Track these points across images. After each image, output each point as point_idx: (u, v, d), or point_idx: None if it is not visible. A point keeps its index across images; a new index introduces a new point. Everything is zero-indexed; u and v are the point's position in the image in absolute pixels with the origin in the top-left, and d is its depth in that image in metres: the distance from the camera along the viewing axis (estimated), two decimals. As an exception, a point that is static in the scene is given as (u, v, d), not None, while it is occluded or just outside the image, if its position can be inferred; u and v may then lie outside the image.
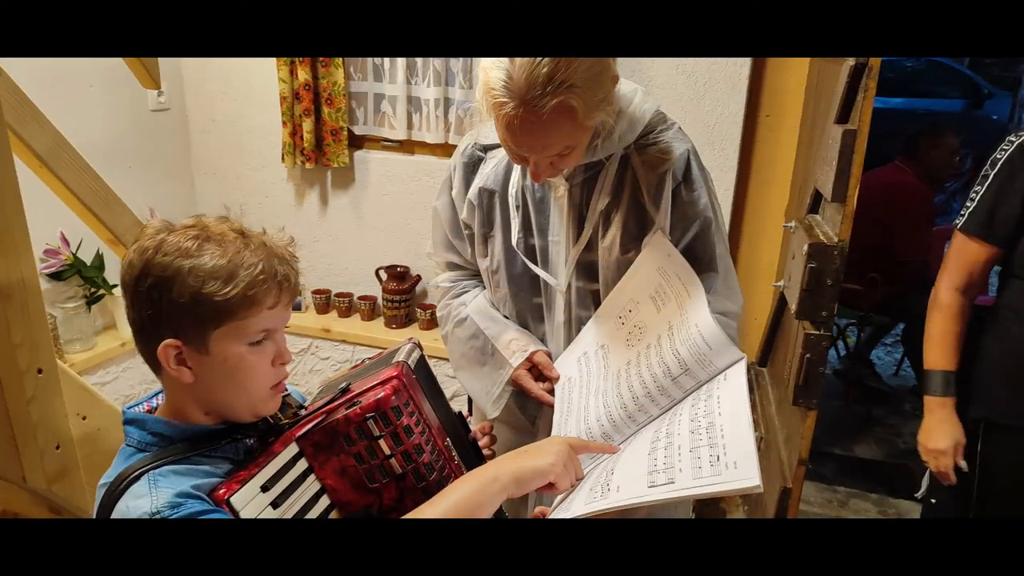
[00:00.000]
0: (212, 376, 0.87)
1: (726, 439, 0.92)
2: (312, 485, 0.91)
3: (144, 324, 0.86)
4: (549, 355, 1.38)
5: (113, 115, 2.67)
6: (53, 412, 1.38)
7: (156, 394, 0.98)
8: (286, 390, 0.98)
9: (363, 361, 1.13)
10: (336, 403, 0.92)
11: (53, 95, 2.42)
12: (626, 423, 1.16)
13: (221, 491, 0.82)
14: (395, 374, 0.94)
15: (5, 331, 1.27)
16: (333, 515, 0.93)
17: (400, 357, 1.02)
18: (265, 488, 0.85)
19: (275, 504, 0.86)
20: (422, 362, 1.07)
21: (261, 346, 0.88)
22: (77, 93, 2.54)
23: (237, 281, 0.83)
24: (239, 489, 0.83)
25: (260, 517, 0.84)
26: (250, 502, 0.83)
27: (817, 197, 1.94)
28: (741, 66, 2.35)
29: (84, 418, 1.47)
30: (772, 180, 2.54)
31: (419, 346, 1.11)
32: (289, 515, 0.88)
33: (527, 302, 1.40)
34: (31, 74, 2.12)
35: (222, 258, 0.84)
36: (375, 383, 0.93)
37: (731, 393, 1.02)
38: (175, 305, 0.83)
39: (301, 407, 1.00)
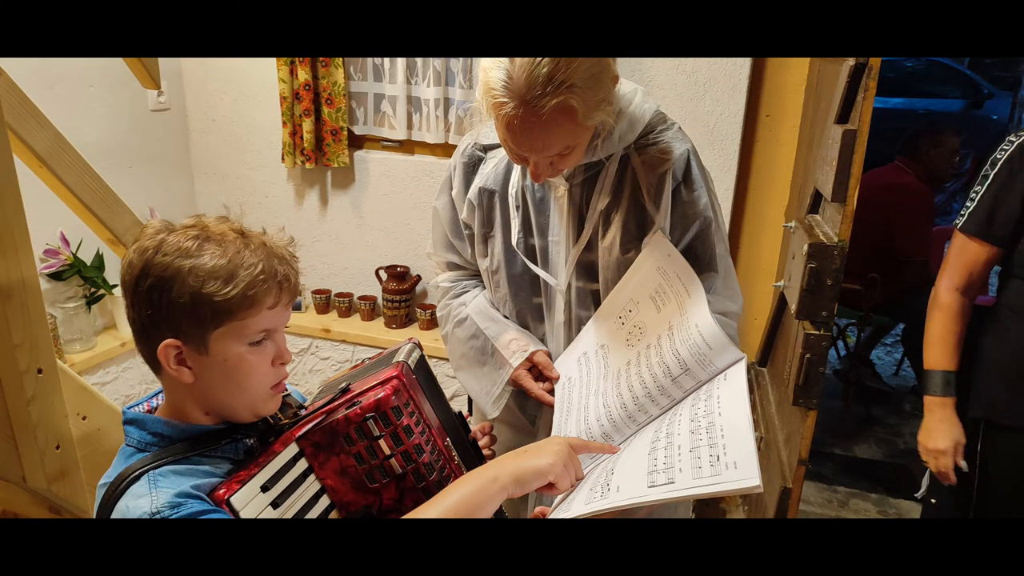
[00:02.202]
0: (212, 376, 0.87)
1: (726, 439, 0.92)
2: (312, 485, 0.91)
3: (144, 324, 0.86)
4: (549, 355, 1.38)
5: (113, 115, 2.67)
6: (53, 412, 1.38)
7: (156, 394, 0.98)
8: (286, 390, 0.98)
9: (363, 361, 1.13)
10: (336, 403, 0.92)
11: (53, 95, 2.43)
12: (626, 423, 1.16)
13: (221, 491, 0.82)
14: (395, 374, 0.94)
15: (5, 331, 1.27)
16: (333, 515, 0.93)
17: (400, 357, 1.01)
18: (265, 488, 0.85)
19: (275, 504, 0.86)
20: (422, 362, 1.07)
21: (261, 346, 0.88)
22: (77, 93, 2.54)
23: (237, 281, 0.83)
24: (239, 489, 0.83)
25: (260, 517, 0.84)
26: (250, 502, 0.83)
27: (817, 197, 1.94)
28: (741, 66, 2.35)
29: (84, 418, 1.47)
30: (772, 180, 2.54)
31: (419, 346, 1.11)
32: (289, 515, 0.87)
33: (527, 302, 1.40)
34: (31, 74, 2.12)
35: (222, 258, 0.83)
36: (375, 383, 0.93)
37: (731, 393, 1.02)
38: (175, 305, 0.83)
39: (301, 407, 0.99)
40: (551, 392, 1.34)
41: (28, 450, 1.36)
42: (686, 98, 2.42)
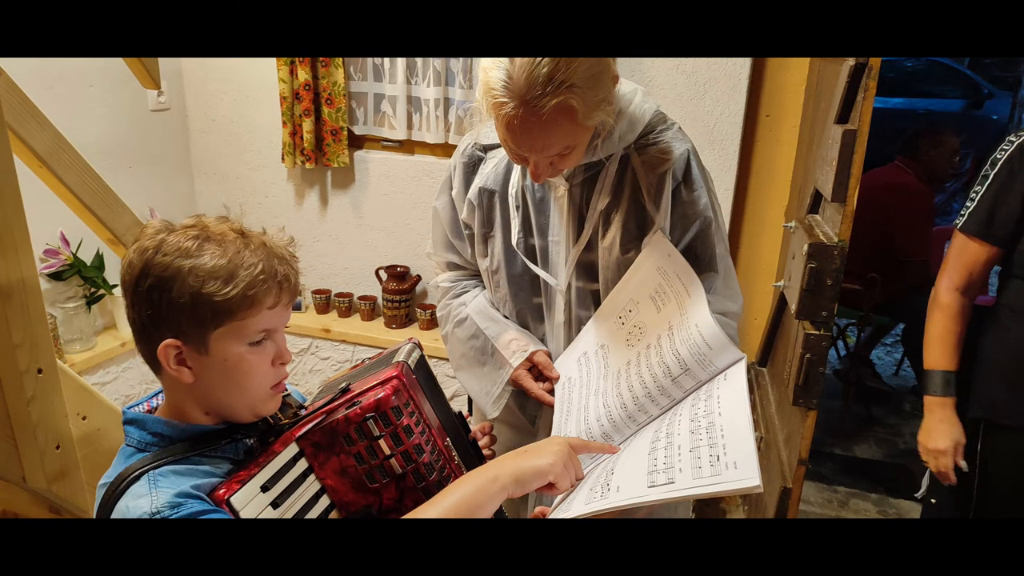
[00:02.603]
0: (212, 376, 0.87)
1: (726, 439, 0.92)
2: (312, 485, 0.91)
3: (144, 324, 0.86)
4: (549, 355, 1.38)
5: (113, 115, 2.67)
6: (53, 412, 1.38)
7: (156, 394, 0.98)
8: (286, 390, 0.98)
9: (363, 361, 1.13)
10: (336, 403, 0.92)
11: (53, 95, 2.43)
12: (626, 423, 1.16)
13: (221, 491, 0.82)
14: (395, 374, 0.94)
15: (5, 331, 1.27)
16: (333, 515, 0.93)
17: (400, 357, 1.01)
18: (265, 488, 0.85)
19: (275, 504, 0.86)
20: (422, 362, 1.07)
21: (261, 346, 0.88)
22: (77, 93, 2.54)
23: (237, 281, 0.83)
24: (239, 489, 0.83)
25: (260, 517, 0.84)
26: (250, 502, 0.83)
27: (817, 197, 1.94)
28: (741, 66, 2.35)
29: (84, 418, 1.47)
30: (772, 180, 2.54)
31: (419, 346, 1.11)
32: (289, 515, 0.87)
33: (527, 302, 1.40)
34: (31, 74, 2.12)
35: (222, 258, 0.84)
36: (375, 383, 0.93)
37: (731, 393, 1.02)
38: (175, 305, 0.83)
39: (301, 407, 0.99)
40: (551, 392, 1.34)
41: (28, 450, 1.36)
42: (686, 98, 2.42)
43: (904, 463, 3.18)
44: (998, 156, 1.57)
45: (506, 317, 1.43)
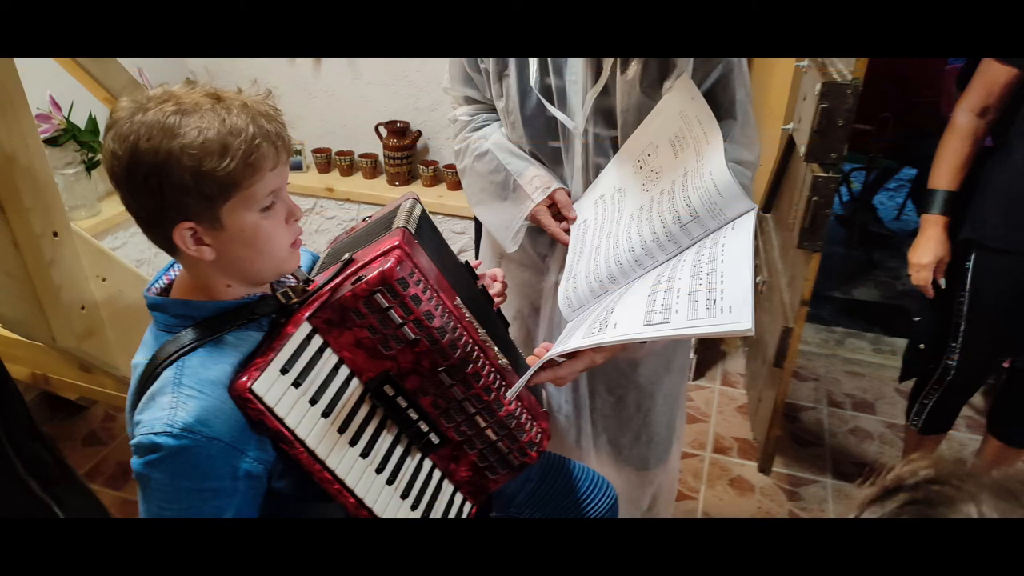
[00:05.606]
0: (232, 248, 0.86)
1: (725, 284, 0.94)
2: (329, 360, 0.92)
3: (150, 213, 0.83)
4: (569, 194, 1.38)
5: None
6: (74, 274, 1.41)
7: (172, 265, 0.97)
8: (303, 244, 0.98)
9: (365, 219, 1.12)
10: (340, 278, 0.91)
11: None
12: (632, 268, 1.18)
13: (243, 379, 0.83)
14: (396, 243, 0.92)
15: (16, 196, 1.27)
16: (354, 384, 0.94)
17: (400, 221, 1.00)
18: (284, 371, 0.86)
19: (296, 384, 0.87)
20: (423, 220, 1.06)
21: (272, 209, 0.87)
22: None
23: (233, 151, 0.80)
24: (259, 376, 0.83)
25: (284, 399, 0.86)
26: (272, 387, 0.84)
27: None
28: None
29: (104, 279, 1.50)
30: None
31: (418, 200, 1.10)
32: (311, 392, 0.89)
33: (543, 146, 1.37)
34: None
35: (209, 130, 0.80)
36: (377, 254, 0.92)
37: (736, 242, 1.03)
38: (178, 189, 0.80)
39: (308, 281, 0.97)
40: (568, 232, 1.35)
41: (54, 312, 1.40)
42: None
43: (901, 304, 3.27)
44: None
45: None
